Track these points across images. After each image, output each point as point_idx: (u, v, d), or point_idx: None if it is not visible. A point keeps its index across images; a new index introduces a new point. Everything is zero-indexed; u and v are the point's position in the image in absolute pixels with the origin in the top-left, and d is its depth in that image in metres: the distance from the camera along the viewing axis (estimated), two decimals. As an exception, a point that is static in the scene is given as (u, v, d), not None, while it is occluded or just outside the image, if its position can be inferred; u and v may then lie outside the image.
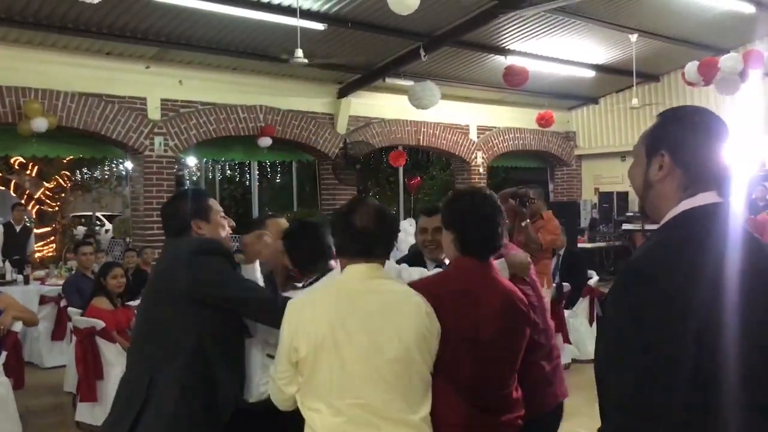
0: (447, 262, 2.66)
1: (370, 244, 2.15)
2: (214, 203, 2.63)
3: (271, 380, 2.21)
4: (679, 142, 1.51)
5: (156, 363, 2.36)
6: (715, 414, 1.31)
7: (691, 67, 8.76)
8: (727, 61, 8.49)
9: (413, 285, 2.23)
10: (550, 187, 14.67)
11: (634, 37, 10.16)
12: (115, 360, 5.10)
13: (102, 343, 5.10)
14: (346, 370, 2.00)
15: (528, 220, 5.16)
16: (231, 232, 2.64)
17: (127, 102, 9.04)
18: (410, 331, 2.04)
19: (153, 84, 9.20)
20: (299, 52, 7.30)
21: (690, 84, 8.95)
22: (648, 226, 1.72)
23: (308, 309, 2.10)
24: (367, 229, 2.14)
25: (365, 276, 2.12)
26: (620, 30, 10.02)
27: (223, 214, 2.63)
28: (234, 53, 9.22)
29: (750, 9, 9.38)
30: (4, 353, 4.91)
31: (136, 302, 6.27)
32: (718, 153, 1.51)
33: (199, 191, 2.77)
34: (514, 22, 9.39)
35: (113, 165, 16.50)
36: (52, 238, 13.75)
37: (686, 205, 1.47)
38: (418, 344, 2.05)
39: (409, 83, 10.34)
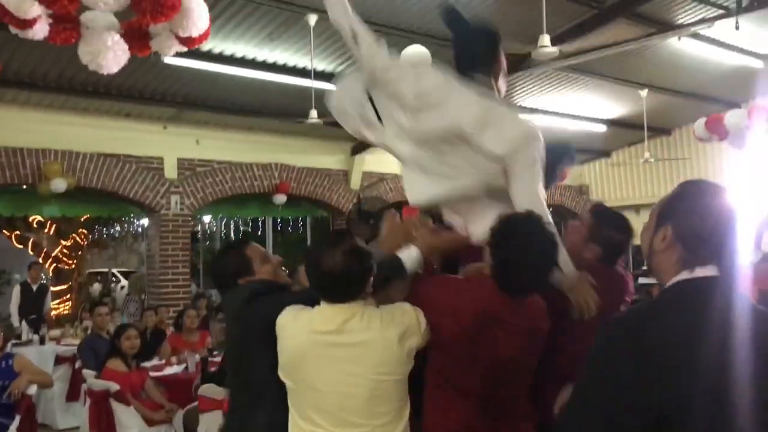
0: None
1: (337, 287, 2.09)
2: (253, 250, 2.54)
3: None
4: (683, 219, 1.53)
5: (247, 409, 2.34)
6: None
7: (700, 123, 8.83)
8: (732, 117, 8.55)
9: (428, 298, 2.20)
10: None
11: (644, 93, 10.27)
12: (128, 422, 5.07)
13: (116, 406, 5.08)
14: (315, 395, 2.07)
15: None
16: (281, 266, 2.61)
17: (144, 162, 9.20)
18: (374, 371, 2.05)
19: (170, 144, 9.38)
20: (314, 113, 7.44)
21: (701, 139, 8.97)
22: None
23: (289, 326, 2.14)
24: (334, 272, 2.05)
25: (332, 320, 2.08)
26: (630, 86, 10.13)
27: (265, 255, 2.57)
28: (249, 113, 9.39)
29: (758, 63, 9.50)
30: (18, 417, 4.89)
31: (151, 363, 6.28)
32: (722, 230, 1.52)
33: (236, 244, 2.66)
34: (525, 79, 9.52)
35: (129, 222, 16.68)
36: (68, 295, 13.81)
37: (682, 276, 1.51)
38: (384, 380, 2.06)
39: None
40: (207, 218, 16.96)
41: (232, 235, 18.34)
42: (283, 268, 2.72)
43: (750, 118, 8.54)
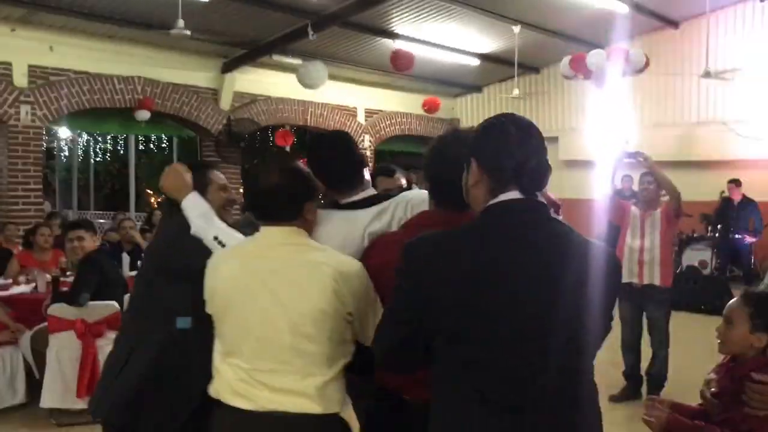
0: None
1: (276, 206, 1.98)
2: (217, 176, 2.54)
3: None
4: (483, 150, 1.64)
5: (141, 333, 2.44)
6: None
7: (565, 62, 9.20)
8: (593, 57, 8.97)
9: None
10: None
11: (517, 29, 10.47)
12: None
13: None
14: (242, 334, 1.95)
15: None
16: (230, 206, 2.57)
17: (-11, 66, 8.38)
18: (306, 305, 1.90)
19: (19, 48, 8.57)
20: (180, 23, 7.03)
21: (567, 77, 9.34)
22: None
23: (221, 268, 2.03)
24: (272, 189, 1.97)
25: (275, 242, 1.98)
26: (503, 21, 10.29)
27: (225, 186, 2.55)
28: (110, 19, 8.71)
29: (624, 8, 9.92)
30: None
31: (-3, 282, 5.87)
32: (521, 155, 1.60)
33: (199, 163, 2.67)
34: (402, 6, 9.44)
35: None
36: None
37: (488, 202, 1.62)
38: (315, 321, 1.90)
39: (296, 61, 10.19)
40: (65, 134, 15.85)
41: (92, 153, 17.35)
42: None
43: (609, 59, 8.99)
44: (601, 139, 11.04)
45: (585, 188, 10.54)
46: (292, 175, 2.01)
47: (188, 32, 6.97)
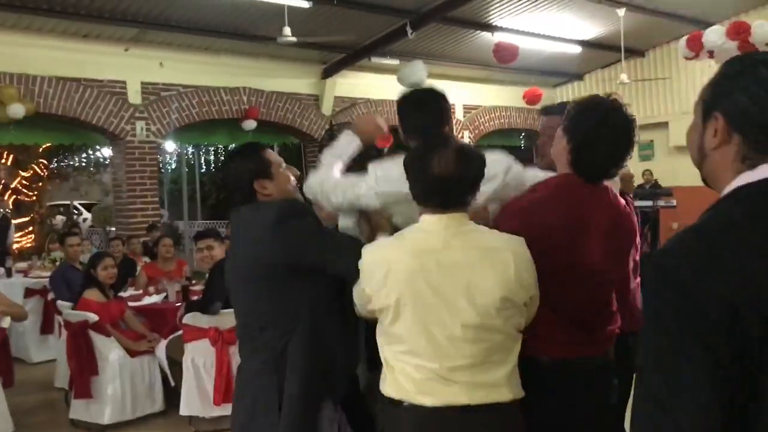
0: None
1: (450, 193, 1.88)
2: (272, 154, 2.34)
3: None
4: (738, 101, 1.20)
5: (273, 345, 2.20)
6: None
7: (682, 43, 8.70)
8: (710, 34, 8.42)
9: (507, 212, 2.06)
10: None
11: (621, 12, 10.04)
12: (109, 354, 4.90)
13: (96, 337, 4.89)
14: (419, 331, 1.86)
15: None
16: (297, 182, 2.41)
17: (107, 86, 8.73)
18: (490, 295, 1.84)
19: (132, 67, 8.90)
20: (287, 30, 7.09)
21: (687, 58, 8.81)
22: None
23: (383, 269, 1.90)
24: (447, 175, 1.85)
25: (444, 231, 1.89)
26: (608, 4, 9.89)
27: (284, 165, 2.37)
28: (215, 33, 8.94)
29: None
30: (-8, 351, 4.70)
31: (127, 293, 6.09)
32: None
33: (252, 145, 2.42)
34: (500, -1, 9.24)
35: (91, 152, 16.11)
36: (30, 228, 13.39)
37: (744, 179, 1.19)
38: (500, 309, 1.85)
39: (394, 62, 10.14)
40: (170, 147, 16.44)
41: (197, 164, 17.92)
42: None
43: (728, 36, 8.43)
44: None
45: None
46: (472, 161, 1.90)
47: (294, 39, 7.02)
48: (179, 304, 5.34)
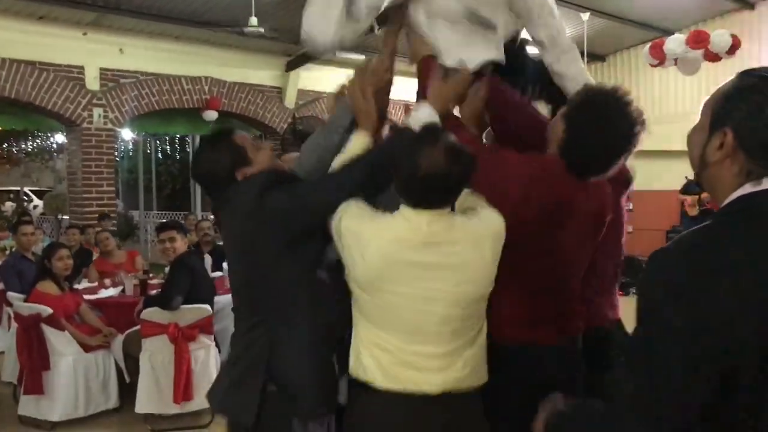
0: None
1: (436, 191, 1.81)
2: (243, 138, 2.16)
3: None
4: (750, 120, 1.22)
5: (274, 322, 2.01)
6: None
7: (645, 50, 8.85)
8: (671, 42, 8.57)
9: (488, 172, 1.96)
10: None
11: (585, 16, 10.13)
12: (63, 349, 4.72)
13: (48, 331, 4.71)
14: (390, 317, 1.85)
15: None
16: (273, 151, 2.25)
17: (63, 70, 8.46)
18: (463, 289, 1.84)
19: (91, 52, 8.64)
20: (254, 20, 6.95)
21: (654, 66, 8.94)
22: None
23: (360, 247, 1.84)
24: (435, 174, 1.76)
25: (425, 225, 1.81)
26: (572, 8, 9.96)
27: (255, 141, 2.20)
28: (178, 20, 8.71)
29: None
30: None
31: (82, 285, 5.89)
32: None
33: (220, 135, 2.22)
34: None
35: (43, 138, 15.64)
36: (-23, 214, 12.95)
37: (746, 189, 1.23)
38: (470, 302, 1.86)
39: (360, 57, 10.05)
40: (127, 135, 16.07)
41: (157, 155, 17.55)
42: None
43: (689, 45, 8.58)
44: (677, 127, 10.63)
45: (658, 179, 10.22)
46: (460, 158, 1.80)
47: (262, 29, 6.88)
48: (137, 298, 5.19)
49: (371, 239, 1.83)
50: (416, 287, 1.82)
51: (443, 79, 2.16)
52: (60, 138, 12.02)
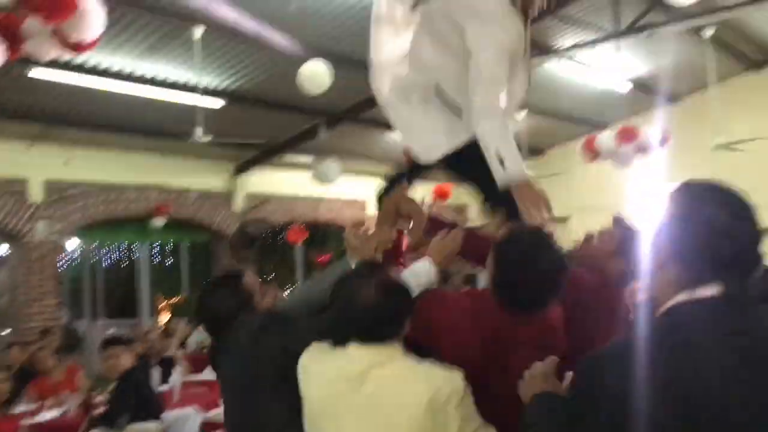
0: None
1: (372, 326, 1.81)
2: (251, 281, 2.29)
3: None
4: (679, 231, 1.30)
5: None
6: None
7: (579, 147, 9.26)
8: (603, 138, 8.97)
9: (438, 329, 1.98)
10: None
11: (522, 115, 10.57)
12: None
13: (-16, 461, 4.46)
14: None
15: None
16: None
17: (4, 185, 8.37)
18: (400, 427, 1.75)
19: (36, 164, 8.59)
20: (199, 131, 7.07)
21: (591, 160, 9.29)
22: None
23: (315, 368, 1.87)
24: (366, 307, 1.79)
25: (364, 362, 1.79)
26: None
27: (261, 286, 2.35)
28: (125, 131, 8.80)
29: (627, 87, 10.09)
30: None
31: (20, 408, 5.62)
32: (726, 243, 1.26)
33: (231, 278, 2.33)
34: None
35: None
36: None
37: (680, 298, 1.28)
38: None
39: (308, 159, 10.23)
40: (72, 245, 15.74)
41: (102, 263, 17.19)
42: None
43: (619, 140, 8.98)
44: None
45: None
46: (394, 291, 1.84)
47: (208, 138, 6.99)
48: (79, 419, 4.96)
49: (316, 374, 1.86)
50: (350, 423, 1.78)
51: (443, 235, 2.24)
52: (4, 250, 11.69)
